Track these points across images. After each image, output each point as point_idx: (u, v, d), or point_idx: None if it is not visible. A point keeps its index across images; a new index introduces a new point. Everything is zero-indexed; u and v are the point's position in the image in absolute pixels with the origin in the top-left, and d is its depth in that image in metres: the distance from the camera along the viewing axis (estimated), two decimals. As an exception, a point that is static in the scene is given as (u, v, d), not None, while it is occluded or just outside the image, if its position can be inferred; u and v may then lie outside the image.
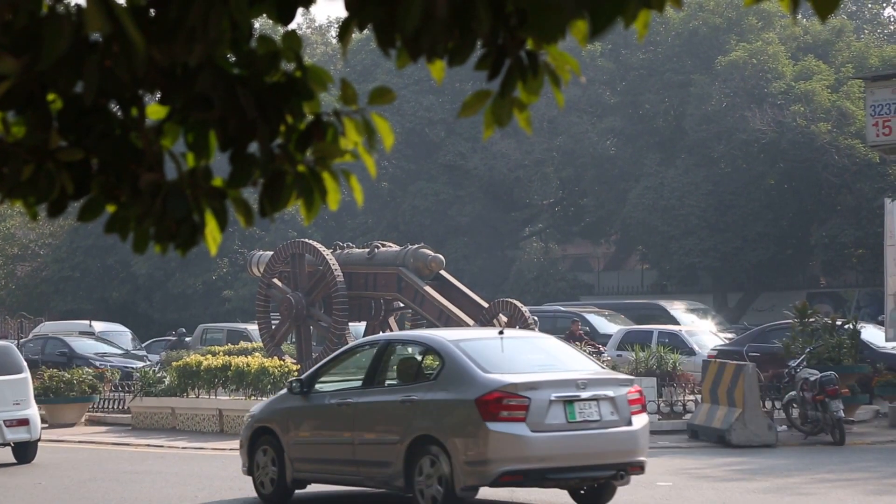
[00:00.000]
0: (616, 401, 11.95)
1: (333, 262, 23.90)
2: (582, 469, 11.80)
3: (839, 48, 44.46)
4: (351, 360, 13.72)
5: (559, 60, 2.80)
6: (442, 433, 11.68)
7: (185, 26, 2.68)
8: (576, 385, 11.80)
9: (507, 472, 11.46)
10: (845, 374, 19.97)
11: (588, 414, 11.79)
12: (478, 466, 11.45)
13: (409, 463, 11.89)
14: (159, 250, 2.91)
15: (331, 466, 12.95)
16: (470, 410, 11.51)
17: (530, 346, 13.02)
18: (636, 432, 12.02)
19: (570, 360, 12.59)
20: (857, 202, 39.54)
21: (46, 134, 2.82)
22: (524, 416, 11.46)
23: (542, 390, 11.60)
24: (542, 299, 41.28)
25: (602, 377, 12.30)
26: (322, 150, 2.89)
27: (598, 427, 11.81)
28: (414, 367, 12.63)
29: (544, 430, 11.52)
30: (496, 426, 11.39)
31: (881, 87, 25.28)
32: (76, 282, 50.80)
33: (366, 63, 49.13)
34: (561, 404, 11.65)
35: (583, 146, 44.50)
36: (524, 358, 12.45)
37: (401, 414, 12.14)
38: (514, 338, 13.13)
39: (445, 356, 12.11)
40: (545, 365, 12.30)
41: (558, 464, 11.65)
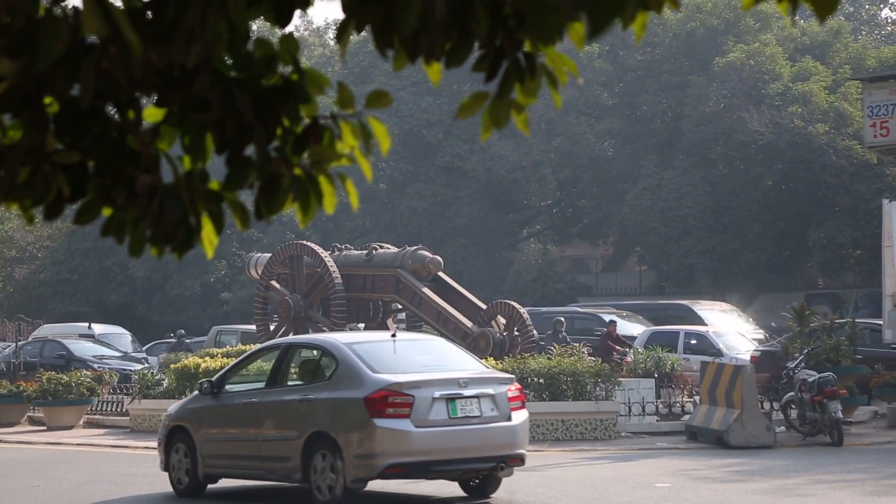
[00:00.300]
0: (496, 398, 12.77)
1: (331, 264, 23.90)
2: (464, 461, 12.60)
3: (836, 49, 44.48)
4: (257, 363, 14.69)
5: (557, 62, 2.79)
6: (335, 429, 12.48)
7: (182, 27, 2.67)
8: (458, 384, 12.61)
9: (393, 464, 12.28)
10: (843, 375, 19.99)
11: (469, 410, 12.60)
12: (366, 460, 12.26)
13: (305, 457, 12.68)
14: (155, 253, 2.90)
15: (238, 462, 13.73)
16: (359, 408, 12.32)
17: (420, 348, 13.92)
18: (515, 427, 12.84)
19: (456, 361, 13.40)
20: (854, 203, 39.56)
21: (43, 136, 2.81)
22: (408, 413, 12.29)
23: (426, 389, 12.43)
24: (540, 301, 41.28)
25: (483, 376, 13.09)
26: (318, 154, 2.88)
27: (479, 422, 12.62)
28: (311, 369, 13.46)
29: (427, 426, 12.33)
30: (382, 422, 12.22)
31: (879, 88, 25.30)
32: (74, 284, 50.77)
33: (363, 65, 49.14)
34: (444, 401, 12.47)
35: (580, 147, 44.50)
36: (413, 359, 13.22)
37: (299, 412, 12.93)
38: (405, 340, 13.94)
39: (339, 358, 12.94)
40: (431, 365, 13.11)
41: (441, 457, 12.45)
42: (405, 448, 12.27)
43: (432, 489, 13.86)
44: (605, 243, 53.28)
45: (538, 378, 19.45)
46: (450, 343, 14.88)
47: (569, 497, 13.29)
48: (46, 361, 30.57)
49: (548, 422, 19.41)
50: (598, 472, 15.44)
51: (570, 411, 19.37)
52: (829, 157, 39.59)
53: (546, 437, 19.32)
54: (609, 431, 19.35)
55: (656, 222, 42.26)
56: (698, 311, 30.64)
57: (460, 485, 13.38)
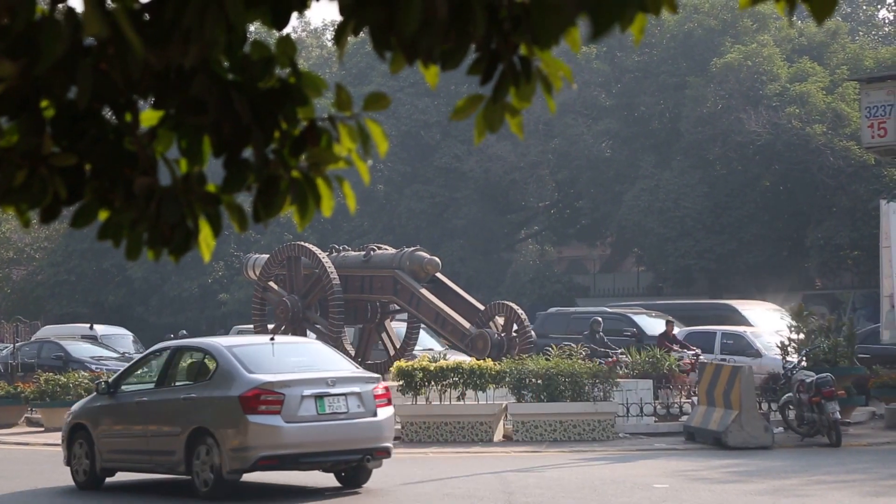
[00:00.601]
0: (363, 396, 14.02)
1: (329, 265, 23.89)
2: (331, 454, 13.77)
3: (834, 50, 44.50)
4: (149, 365, 15.97)
5: (552, 67, 2.79)
6: (213, 425, 13.63)
7: (180, 28, 2.67)
8: (326, 383, 13.83)
9: (264, 457, 13.42)
10: (841, 375, 19.99)
11: (337, 407, 13.82)
12: (240, 453, 13.39)
13: (188, 451, 13.82)
14: (152, 257, 2.90)
15: (130, 456, 14.91)
16: (234, 405, 13.46)
17: (296, 350, 15.16)
18: (381, 422, 14.10)
19: (328, 362, 14.60)
20: (852, 204, 39.57)
21: (40, 139, 2.80)
22: (279, 410, 13.45)
23: (296, 387, 13.61)
24: (538, 302, 41.28)
25: (351, 376, 14.27)
26: (316, 157, 2.88)
27: (346, 418, 13.84)
28: (196, 370, 14.59)
29: (297, 421, 13.50)
30: (255, 418, 13.37)
31: (876, 88, 25.31)
32: (72, 285, 50.74)
33: (361, 66, 49.14)
34: (312, 399, 13.67)
35: (578, 148, 44.50)
36: (288, 360, 14.39)
37: (183, 409, 14.10)
38: (282, 343, 15.18)
39: (219, 359, 14.10)
40: (304, 366, 14.29)
41: (310, 449, 13.61)
42: (276, 442, 13.41)
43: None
44: (603, 244, 53.27)
45: (536, 379, 19.45)
46: (324, 346, 16.09)
47: (567, 498, 13.30)
48: (44, 362, 30.55)
49: (546, 423, 19.41)
50: (596, 473, 15.44)
51: (568, 412, 19.36)
52: (827, 157, 39.60)
53: (544, 438, 19.32)
54: (607, 432, 19.34)
55: (654, 223, 42.27)
56: (743, 310, 29.31)
57: (335, 476, 14.47)
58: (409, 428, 19.78)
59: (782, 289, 41.28)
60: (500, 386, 19.88)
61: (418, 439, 19.61)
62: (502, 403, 20.01)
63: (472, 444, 19.22)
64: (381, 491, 14.29)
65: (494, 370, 19.72)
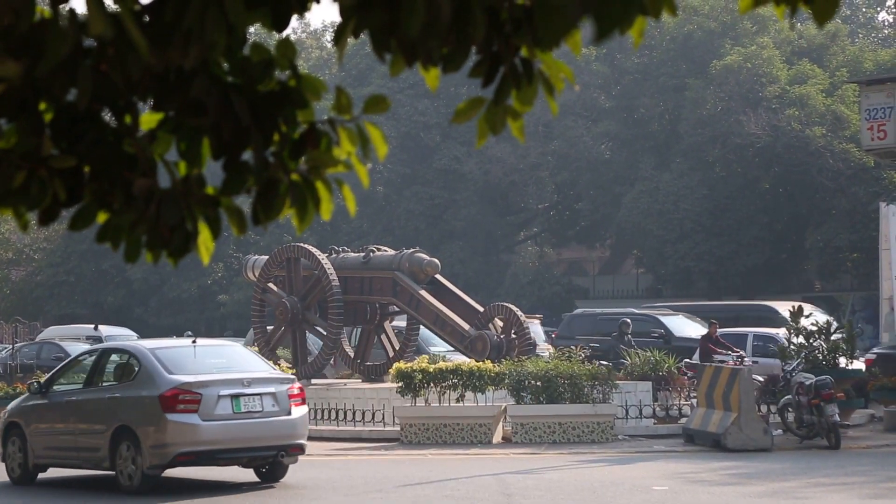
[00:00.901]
0: (277, 395, 14.83)
1: (329, 267, 23.87)
2: (247, 450, 14.57)
3: (833, 52, 44.51)
4: (79, 366, 16.58)
5: (553, 69, 2.78)
6: (135, 423, 14.40)
7: (181, 29, 2.66)
8: (242, 383, 14.63)
9: (183, 453, 14.20)
10: (841, 378, 19.97)
11: (252, 406, 14.62)
12: (159, 449, 14.18)
13: (112, 448, 14.59)
14: (151, 259, 2.89)
15: (60, 452, 15.58)
16: (154, 404, 14.25)
17: (216, 353, 15.83)
18: (295, 420, 14.92)
19: (246, 364, 15.43)
20: (851, 206, 39.57)
21: (39, 141, 2.80)
22: (196, 409, 14.24)
23: (213, 387, 14.41)
24: (537, 303, 41.29)
25: (266, 377, 15.07)
26: (316, 159, 2.87)
27: (261, 417, 14.63)
28: (121, 371, 15.39)
29: (213, 420, 14.29)
30: (173, 417, 14.17)
31: (876, 91, 25.32)
32: (71, 286, 50.73)
33: (361, 67, 49.15)
34: (229, 398, 14.46)
35: (578, 150, 44.51)
36: (207, 362, 15.13)
37: (108, 408, 14.88)
38: (203, 346, 15.77)
39: (142, 361, 14.86)
40: (223, 367, 15.07)
41: (225, 446, 14.38)
42: (193, 439, 14.19)
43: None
44: (603, 246, 53.28)
45: (535, 381, 19.43)
46: (243, 348, 16.96)
47: (566, 500, 13.29)
48: (44, 363, 30.50)
49: (545, 424, 19.39)
50: (595, 475, 15.43)
51: (568, 414, 19.35)
52: (826, 160, 39.61)
53: (543, 440, 19.31)
54: (606, 434, 19.33)
55: (653, 225, 42.27)
56: (782, 311, 27.89)
57: (255, 471, 15.25)
58: (408, 430, 19.77)
59: (781, 291, 41.30)
60: (499, 388, 19.87)
61: (417, 441, 19.60)
62: (501, 405, 20.00)
63: (471, 445, 19.21)
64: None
65: (493, 372, 19.71)
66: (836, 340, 21.04)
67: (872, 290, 34.26)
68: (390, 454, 18.52)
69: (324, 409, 21.73)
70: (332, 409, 21.58)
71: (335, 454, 18.69)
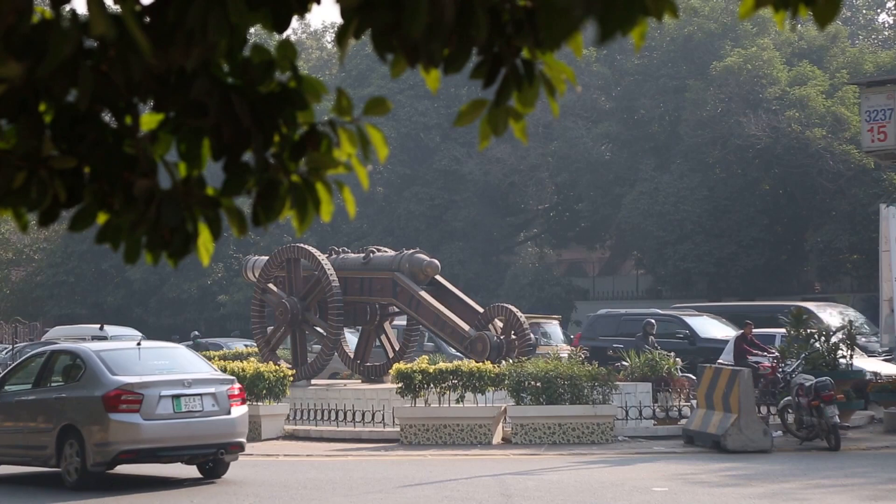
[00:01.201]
0: (217, 396, 15.52)
1: (329, 267, 23.86)
2: (187, 448, 15.23)
3: (834, 54, 44.52)
4: (30, 367, 16.98)
5: (555, 70, 2.78)
6: (80, 422, 15.01)
7: (182, 29, 2.66)
8: (183, 384, 15.30)
9: (124, 451, 14.84)
10: (840, 379, 19.97)
11: (192, 406, 15.29)
12: (102, 447, 14.80)
13: (59, 446, 15.19)
14: (150, 260, 2.88)
15: (10, 450, 16.14)
16: (98, 404, 14.86)
17: (159, 355, 16.44)
18: (234, 419, 15.61)
19: (188, 365, 16.06)
20: (851, 208, 39.57)
21: (39, 141, 2.79)
22: (138, 408, 14.90)
23: (155, 388, 15.07)
24: (536, 304, 41.28)
25: (207, 378, 15.71)
26: (316, 161, 2.87)
27: (201, 416, 15.29)
28: (68, 372, 15.91)
29: (155, 419, 14.94)
30: (116, 416, 14.81)
31: (876, 92, 25.31)
32: (71, 286, 50.72)
33: (361, 68, 49.15)
34: (170, 398, 15.13)
35: (578, 151, 44.51)
36: (151, 363, 15.74)
37: (54, 408, 15.47)
38: (148, 348, 16.52)
39: (87, 362, 15.45)
40: (165, 369, 15.72)
41: (167, 444, 15.03)
42: (134, 437, 14.82)
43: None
44: (602, 247, 53.28)
45: (535, 382, 19.43)
46: (188, 350, 17.52)
47: (566, 501, 13.29)
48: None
49: (545, 425, 19.39)
50: (595, 476, 15.43)
51: (568, 415, 19.35)
52: (827, 161, 39.61)
53: (543, 441, 19.31)
54: (606, 435, 19.33)
55: (653, 226, 42.26)
56: (818, 311, 27.35)
57: (198, 468, 15.91)
58: (408, 430, 19.76)
59: (781, 292, 41.29)
60: (499, 388, 19.87)
61: (417, 442, 19.59)
62: (501, 406, 20.00)
63: (471, 446, 19.20)
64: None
65: (493, 373, 19.70)
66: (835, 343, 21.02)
67: (872, 292, 34.26)
68: (390, 455, 18.52)
69: (324, 409, 21.73)
70: (332, 409, 21.58)
71: (335, 454, 18.69)
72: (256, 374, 21.06)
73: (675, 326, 26.97)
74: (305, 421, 21.71)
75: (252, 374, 21.08)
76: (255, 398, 21.01)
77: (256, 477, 15.83)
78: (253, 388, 20.97)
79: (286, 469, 16.87)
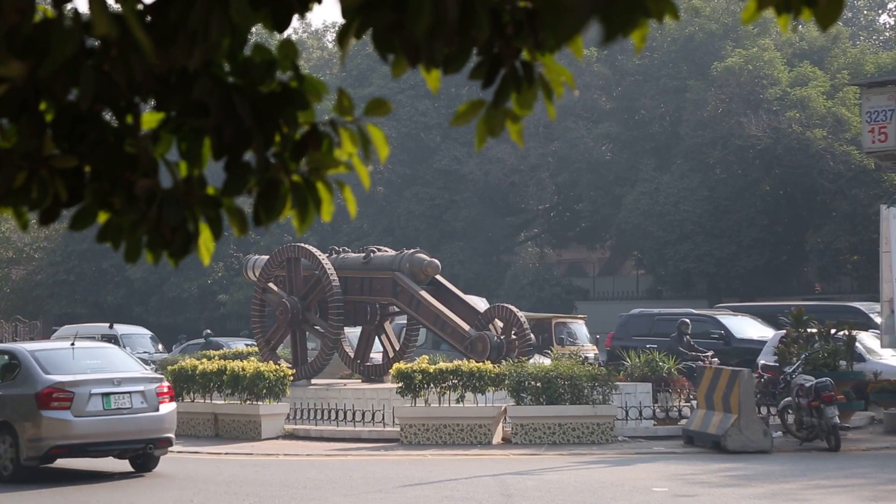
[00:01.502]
0: (146, 393, 16.41)
1: (329, 267, 23.86)
2: (116, 443, 16.14)
3: (835, 55, 44.51)
4: None
5: (554, 73, 2.78)
6: (14, 419, 15.81)
7: (184, 30, 2.66)
8: (113, 382, 16.15)
9: (56, 446, 15.62)
10: (841, 380, 19.97)
11: (122, 403, 16.16)
12: (35, 443, 15.61)
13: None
14: (151, 260, 2.88)
15: None
16: (31, 402, 15.68)
17: (92, 354, 17.21)
18: (162, 416, 16.48)
19: (120, 365, 16.95)
20: (852, 208, 39.57)
21: (40, 141, 2.79)
22: (69, 406, 15.68)
23: (85, 386, 15.90)
24: (537, 304, 41.28)
25: (137, 376, 16.62)
26: (317, 161, 2.87)
27: (130, 413, 16.18)
28: (4, 370, 16.55)
29: (85, 416, 15.76)
30: (48, 413, 15.63)
31: (877, 93, 25.29)
32: (71, 285, 50.72)
33: (361, 67, 49.16)
34: (100, 396, 15.99)
35: (578, 151, 44.51)
36: (84, 363, 16.54)
37: None
38: (82, 347, 17.31)
39: (22, 362, 16.26)
40: (97, 368, 16.52)
41: (96, 440, 15.89)
42: (66, 433, 15.60)
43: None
44: (603, 247, 53.27)
45: (535, 382, 19.43)
46: (120, 350, 18.45)
47: (565, 501, 13.29)
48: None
49: (545, 425, 19.39)
50: (595, 477, 15.43)
51: (568, 415, 19.35)
52: (827, 162, 39.60)
53: (543, 441, 19.31)
54: (606, 435, 19.33)
55: (654, 226, 42.26)
56: (871, 313, 26.38)
57: (130, 462, 16.78)
58: (408, 430, 19.77)
59: (781, 293, 41.28)
60: (499, 388, 19.87)
61: (417, 441, 19.59)
62: (501, 406, 20.00)
63: (471, 446, 19.21)
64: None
65: (493, 373, 19.71)
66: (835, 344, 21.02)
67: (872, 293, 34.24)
68: (390, 454, 18.52)
69: (324, 409, 21.73)
70: (332, 409, 21.58)
71: (335, 454, 18.69)
72: (256, 374, 21.07)
73: (710, 326, 26.47)
74: (305, 420, 21.72)
75: (252, 373, 21.09)
76: (255, 398, 21.02)
77: (256, 476, 15.84)
78: (253, 388, 20.99)
79: (286, 469, 16.87)
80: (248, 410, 21.06)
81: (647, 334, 26.58)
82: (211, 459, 18.64)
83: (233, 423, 21.36)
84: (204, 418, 21.85)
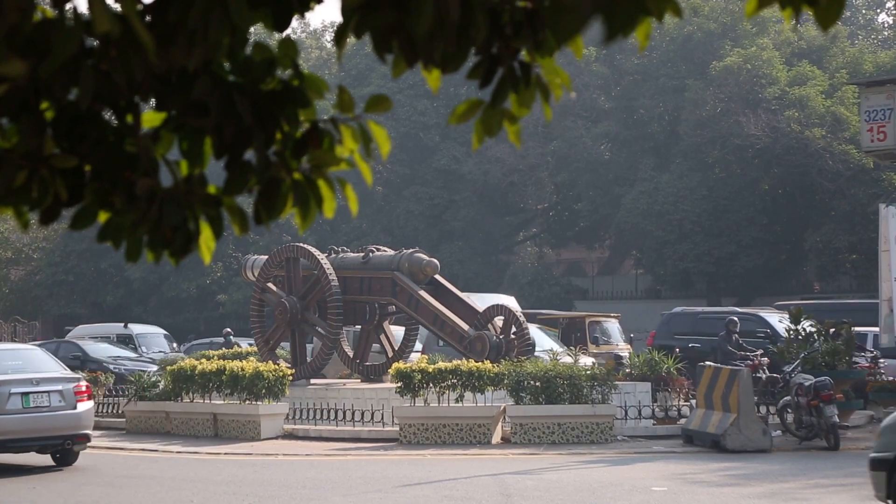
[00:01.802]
0: (64, 392, 17.33)
1: (328, 267, 23.86)
2: (36, 440, 17.02)
3: (833, 54, 44.53)
4: None
5: (552, 74, 2.78)
6: None
7: (184, 29, 2.66)
8: (32, 382, 17.11)
9: None
10: (840, 379, 19.98)
11: (40, 402, 17.10)
12: None
13: None
14: (152, 259, 2.88)
15: None
16: None
17: (13, 356, 18.24)
18: (80, 414, 17.37)
19: (39, 365, 17.87)
20: (851, 207, 39.59)
21: (40, 140, 2.79)
22: None
23: (5, 386, 16.88)
24: (536, 304, 41.28)
25: (55, 376, 17.51)
26: (318, 158, 2.87)
27: (48, 411, 17.09)
28: None
29: (5, 414, 16.75)
30: None
31: (875, 92, 25.30)
32: (70, 286, 50.72)
33: (360, 67, 49.17)
34: (19, 395, 16.94)
35: (577, 151, 44.53)
36: (4, 363, 17.52)
37: None
38: (4, 349, 18.65)
39: None
40: (17, 368, 17.47)
41: (16, 436, 16.76)
42: None
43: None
44: (602, 247, 53.30)
45: (535, 381, 19.43)
46: (41, 351, 19.21)
47: (565, 500, 13.29)
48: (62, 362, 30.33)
49: (544, 425, 19.40)
50: (595, 476, 15.43)
51: (567, 415, 19.35)
52: (826, 161, 39.62)
53: (542, 441, 19.31)
54: (605, 435, 19.34)
55: (652, 226, 42.28)
56: None
57: (51, 457, 17.68)
58: (407, 430, 19.77)
59: (780, 292, 41.30)
60: (498, 388, 19.87)
61: (416, 441, 19.60)
62: (500, 405, 20.01)
63: (470, 446, 19.21)
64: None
65: (493, 372, 19.71)
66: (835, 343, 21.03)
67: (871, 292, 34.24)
68: (389, 454, 18.52)
69: (323, 408, 21.73)
70: (332, 409, 21.58)
71: (335, 454, 18.70)
72: (255, 374, 21.07)
73: (756, 325, 26.13)
74: (305, 420, 21.72)
75: (251, 373, 21.09)
76: (254, 398, 21.02)
77: (256, 476, 15.84)
78: (252, 388, 20.99)
79: (285, 468, 16.87)
80: (248, 410, 21.06)
81: (689, 333, 26.39)
82: (210, 459, 18.65)
83: (232, 423, 21.36)
84: (203, 418, 21.86)
